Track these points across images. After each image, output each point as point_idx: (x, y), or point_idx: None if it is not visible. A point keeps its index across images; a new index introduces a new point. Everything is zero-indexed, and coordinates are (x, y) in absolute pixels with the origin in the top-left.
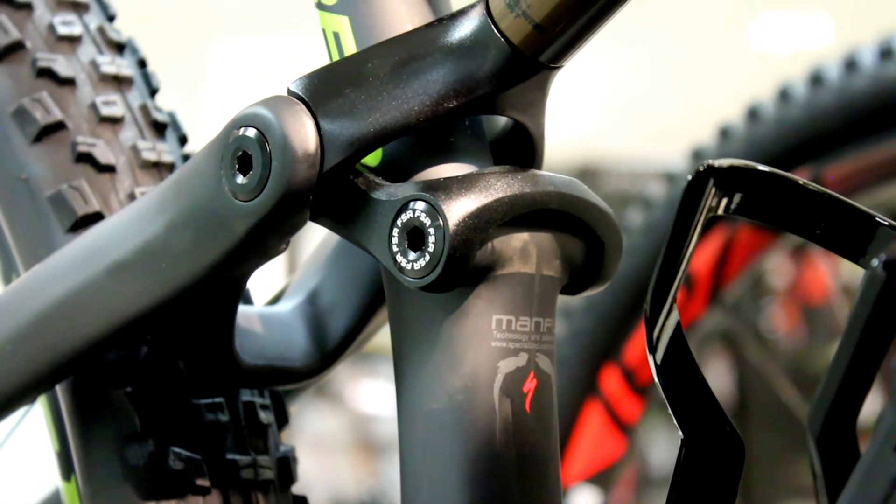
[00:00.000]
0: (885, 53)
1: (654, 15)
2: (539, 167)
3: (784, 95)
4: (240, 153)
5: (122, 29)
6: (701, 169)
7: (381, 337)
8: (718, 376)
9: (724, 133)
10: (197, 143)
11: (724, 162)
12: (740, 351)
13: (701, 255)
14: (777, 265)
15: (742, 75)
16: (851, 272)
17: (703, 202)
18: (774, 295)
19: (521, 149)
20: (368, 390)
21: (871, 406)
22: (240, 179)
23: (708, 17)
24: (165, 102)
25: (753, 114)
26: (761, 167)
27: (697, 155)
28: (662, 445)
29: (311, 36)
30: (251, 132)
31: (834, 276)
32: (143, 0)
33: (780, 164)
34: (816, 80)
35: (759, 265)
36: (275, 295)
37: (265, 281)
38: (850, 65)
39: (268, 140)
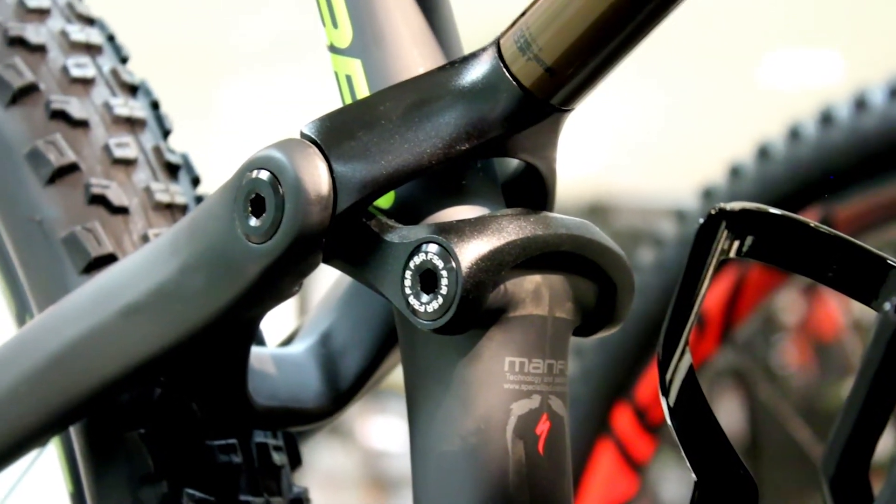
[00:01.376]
0: (894, 93)
1: (664, 52)
2: (551, 209)
3: (794, 134)
4: (253, 196)
5: (133, 66)
6: (713, 212)
7: (392, 373)
8: (730, 413)
9: (735, 172)
10: (206, 180)
11: (736, 205)
12: (752, 388)
13: (712, 294)
14: (788, 301)
15: (751, 112)
16: (862, 308)
17: (716, 245)
18: (785, 331)
19: (532, 191)
20: (379, 427)
21: (885, 445)
22: (253, 222)
23: (717, 54)
24: (176, 139)
25: (763, 153)
26: (773, 210)
27: (708, 194)
28: (675, 484)
29: (320, 74)
30: (264, 175)
31: (845, 313)
32: (154, 38)
33: (790, 202)
34: (826, 118)
35: (770, 303)
36: (287, 336)
37: (277, 322)
38: (860, 104)
39: (281, 183)
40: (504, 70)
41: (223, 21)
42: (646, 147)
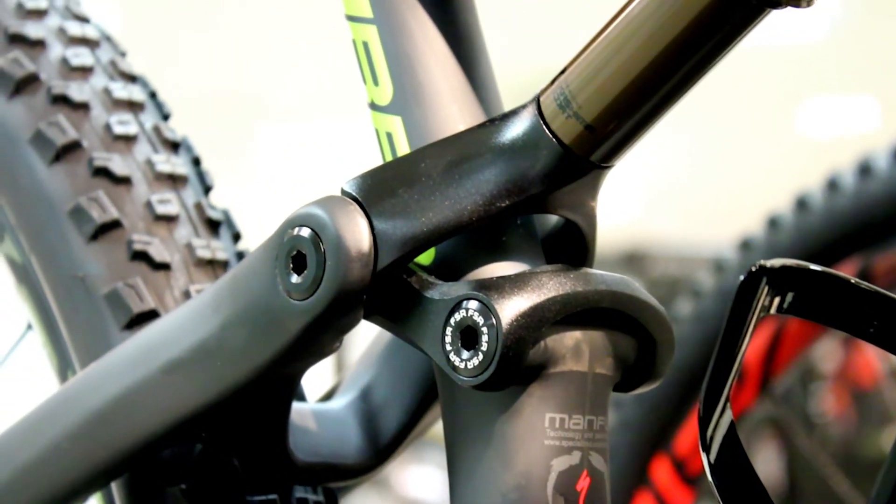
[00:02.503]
0: None
1: (701, 100)
2: (591, 265)
3: (832, 185)
4: (294, 253)
5: (174, 113)
6: (753, 269)
7: None
8: (768, 463)
9: (773, 223)
10: (245, 225)
11: (777, 262)
12: (790, 438)
13: (751, 346)
14: (826, 350)
15: (788, 159)
16: None
17: (756, 302)
18: (824, 380)
19: (572, 246)
20: (416, 477)
21: None
22: (294, 279)
23: (754, 102)
24: (216, 187)
25: (802, 203)
26: (813, 267)
27: (746, 245)
28: None
29: (356, 123)
30: (305, 232)
31: (883, 361)
32: (191, 86)
33: (829, 254)
34: (865, 169)
35: (809, 354)
36: (328, 391)
37: (316, 377)
38: None
39: (322, 240)
40: (544, 127)
41: (264, 71)
42: (682, 195)
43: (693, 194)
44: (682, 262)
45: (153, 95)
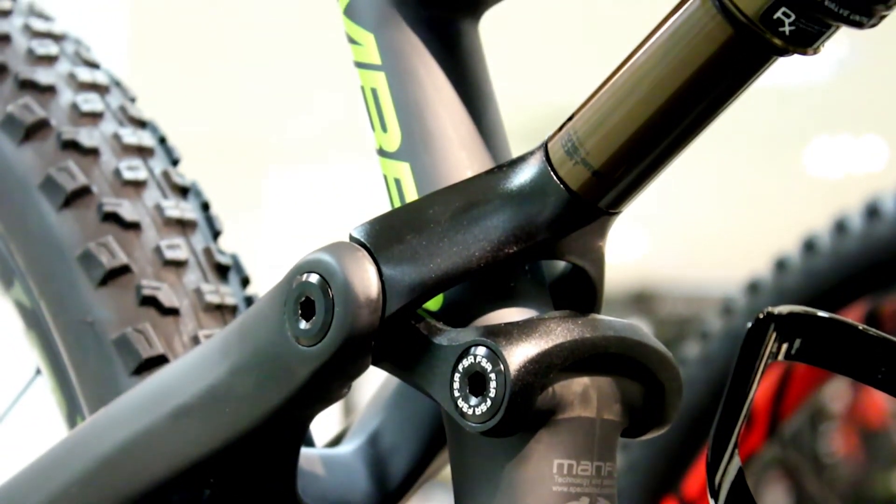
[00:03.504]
0: None
1: (708, 139)
2: (598, 310)
3: (840, 227)
4: (303, 299)
5: (184, 156)
6: (761, 316)
7: None
8: None
9: (781, 265)
10: (254, 263)
11: (784, 308)
12: (799, 479)
13: (760, 389)
14: (834, 391)
15: (796, 199)
16: None
17: (764, 349)
18: (832, 421)
19: (580, 292)
20: None
21: None
22: (303, 325)
23: (761, 141)
24: (226, 228)
25: (809, 245)
26: (821, 313)
27: (754, 287)
28: None
29: (365, 167)
30: (314, 278)
31: (891, 400)
32: (201, 130)
33: (837, 296)
34: (872, 211)
35: (817, 397)
36: (336, 436)
37: (324, 422)
38: None
39: (330, 286)
40: (552, 173)
41: (272, 115)
42: (690, 235)
43: (700, 234)
44: (689, 302)
45: (163, 141)
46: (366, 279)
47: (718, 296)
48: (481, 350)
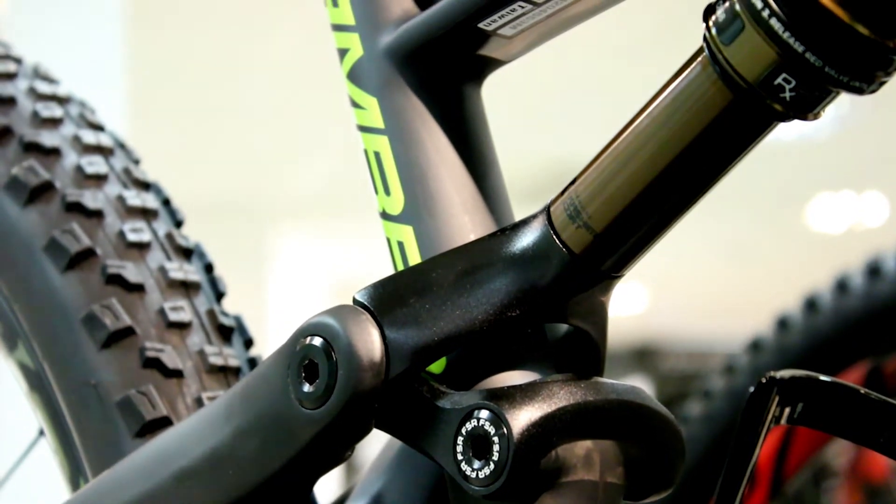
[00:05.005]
0: None
1: (710, 196)
2: (601, 373)
3: (841, 286)
4: (306, 362)
5: (189, 215)
6: (763, 380)
7: None
8: None
9: (782, 323)
10: (258, 319)
11: (786, 373)
12: None
13: (762, 450)
14: (838, 447)
15: (798, 254)
16: None
17: (767, 413)
18: (836, 477)
19: (583, 354)
20: None
21: None
22: (306, 388)
23: (763, 198)
24: (231, 282)
25: (811, 304)
26: (823, 377)
27: (756, 346)
28: None
29: (368, 222)
30: (317, 341)
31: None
32: (208, 187)
33: (838, 356)
34: (873, 270)
35: (820, 457)
36: (339, 498)
37: (327, 483)
38: None
39: (334, 349)
40: (554, 237)
41: (275, 171)
42: (693, 290)
43: (702, 289)
44: (691, 358)
45: (166, 203)
46: (369, 342)
47: (720, 351)
48: (484, 413)
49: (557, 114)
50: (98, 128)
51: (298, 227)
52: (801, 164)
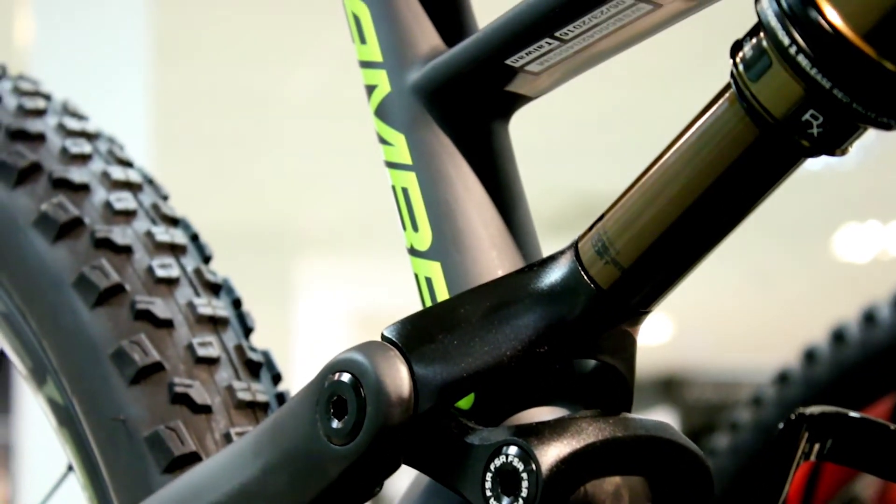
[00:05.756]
0: None
1: (739, 228)
2: (629, 409)
3: (868, 318)
4: (335, 398)
5: (215, 248)
6: (793, 417)
7: None
8: None
9: (810, 355)
10: (280, 352)
11: (816, 409)
12: None
13: (791, 485)
14: (866, 479)
15: (825, 283)
16: None
17: (796, 450)
18: None
19: (611, 390)
20: None
21: None
22: (335, 424)
23: (790, 228)
24: (257, 312)
25: (838, 336)
26: (852, 413)
27: (783, 378)
28: None
29: (393, 253)
30: (346, 377)
31: None
32: (234, 218)
33: (867, 388)
34: None
35: (849, 489)
36: None
37: None
38: None
39: (362, 385)
40: (582, 273)
41: (301, 203)
42: (717, 320)
43: (728, 319)
44: (717, 388)
45: (195, 238)
46: (397, 378)
47: (746, 381)
48: (513, 449)
49: (582, 147)
50: (127, 164)
51: (324, 259)
52: (827, 193)
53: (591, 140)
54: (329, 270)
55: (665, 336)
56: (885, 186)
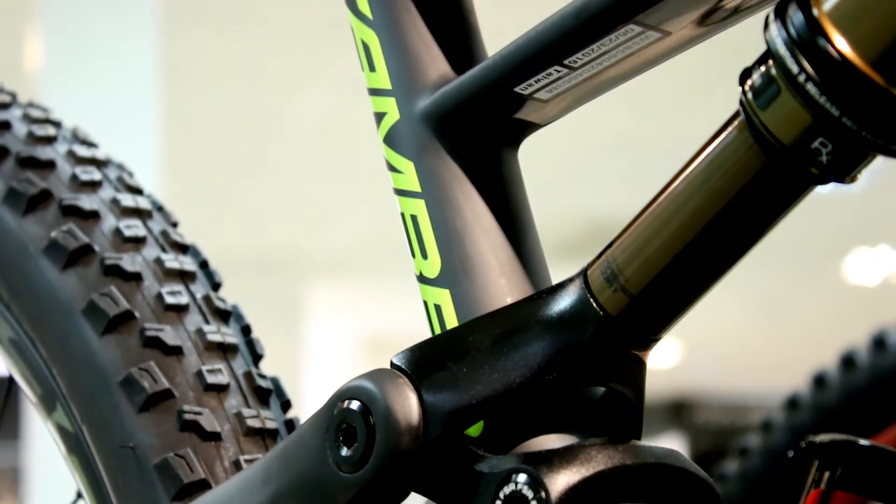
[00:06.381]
0: None
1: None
2: (639, 436)
3: (878, 343)
4: (344, 425)
5: (226, 275)
6: (803, 445)
7: None
8: None
9: (819, 381)
10: (288, 375)
11: (826, 437)
12: None
13: None
14: None
15: (834, 306)
16: None
17: (806, 477)
18: None
19: (620, 417)
20: None
21: None
22: (344, 451)
23: (800, 252)
24: (267, 338)
25: (848, 361)
26: (862, 442)
27: (793, 403)
28: None
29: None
30: (355, 405)
31: None
32: (243, 244)
33: (876, 415)
34: None
35: None
36: None
37: None
38: None
39: (372, 413)
40: (591, 300)
41: (309, 228)
42: (725, 343)
43: (736, 342)
44: (725, 411)
45: (204, 265)
46: (407, 406)
47: (755, 405)
48: (522, 477)
49: (591, 172)
50: (136, 191)
51: (333, 284)
52: (837, 218)
53: (600, 165)
54: (338, 295)
55: (673, 359)
56: (893, 209)
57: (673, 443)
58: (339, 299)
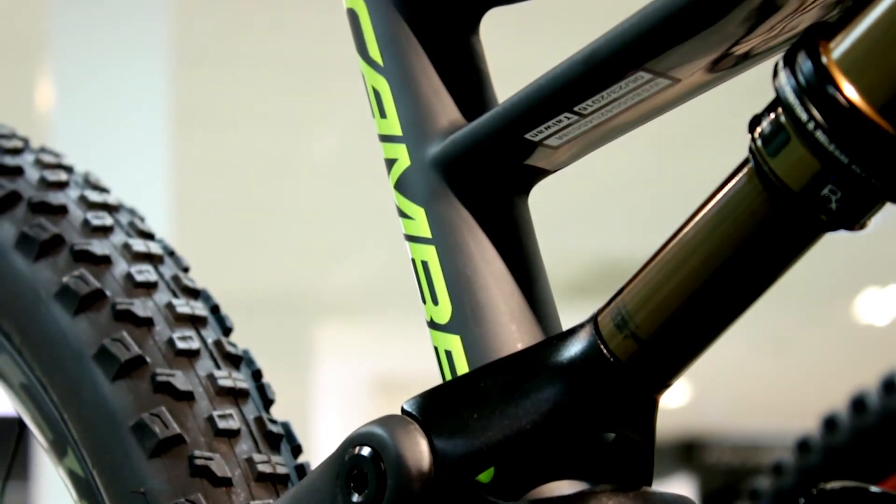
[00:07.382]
0: None
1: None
2: (650, 482)
3: (888, 386)
4: (355, 471)
5: (234, 314)
6: (814, 492)
7: None
8: None
9: (830, 423)
10: (297, 417)
11: (836, 484)
12: None
13: None
14: None
15: (844, 346)
16: None
17: None
18: None
19: (631, 464)
20: None
21: None
22: (355, 498)
23: (810, 293)
24: (274, 380)
25: (859, 404)
26: (873, 488)
27: (803, 445)
28: None
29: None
30: (366, 451)
31: None
32: (252, 284)
33: (887, 458)
34: None
35: None
36: None
37: None
38: None
39: (383, 459)
40: (601, 346)
41: (318, 268)
42: (735, 383)
43: (746, 382)
44: (736, 451)
45: (215, 310)
46: (417, 452)
47: (765, 445)
48: None
49: (600, 213)
50: (148, 236)
51: (343, 326)
52: (847, 258)
53: (609, 206)
54: (348, 337)
55: (683, 399)
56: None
57: (683, 483)
58: (349, 341)
